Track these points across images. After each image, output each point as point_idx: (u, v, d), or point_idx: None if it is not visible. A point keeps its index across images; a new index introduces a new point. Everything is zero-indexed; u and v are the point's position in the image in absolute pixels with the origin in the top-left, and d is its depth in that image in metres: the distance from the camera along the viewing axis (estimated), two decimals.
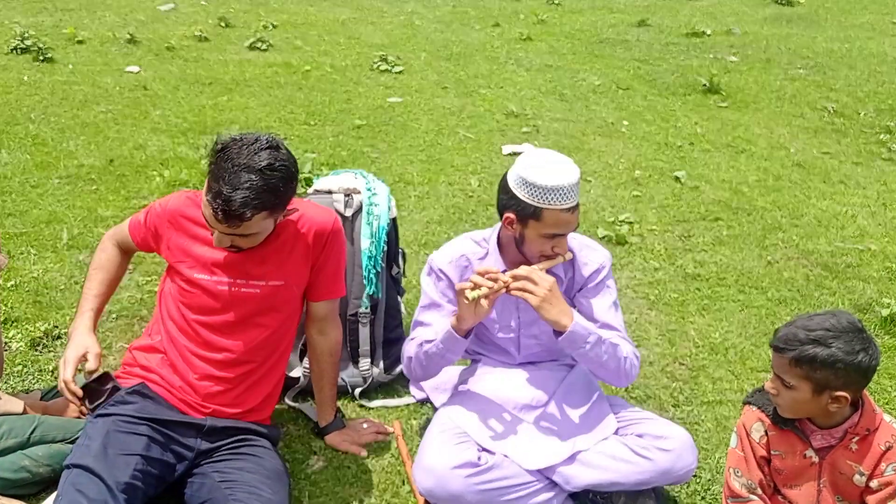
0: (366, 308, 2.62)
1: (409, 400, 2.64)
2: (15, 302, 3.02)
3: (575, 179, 2.05)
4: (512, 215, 2.11)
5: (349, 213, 2.59)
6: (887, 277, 3.62)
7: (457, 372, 2.45)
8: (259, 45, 7.00)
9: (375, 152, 4.78)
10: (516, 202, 2.08)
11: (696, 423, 2.61)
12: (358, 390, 2.63)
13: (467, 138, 5.10)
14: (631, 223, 3.96)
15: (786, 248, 3.86)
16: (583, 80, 6.55)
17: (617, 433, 2.21)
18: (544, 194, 2.03)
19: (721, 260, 3.71)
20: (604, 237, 3.74)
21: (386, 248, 2.63)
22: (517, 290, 2.05)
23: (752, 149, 5.17)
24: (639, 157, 4.92)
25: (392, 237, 2.67)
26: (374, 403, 2.62)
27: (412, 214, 3.96)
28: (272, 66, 6.48)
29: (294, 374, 2.59)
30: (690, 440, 2.15)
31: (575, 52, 7.49)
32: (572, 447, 2.15)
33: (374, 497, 2.24)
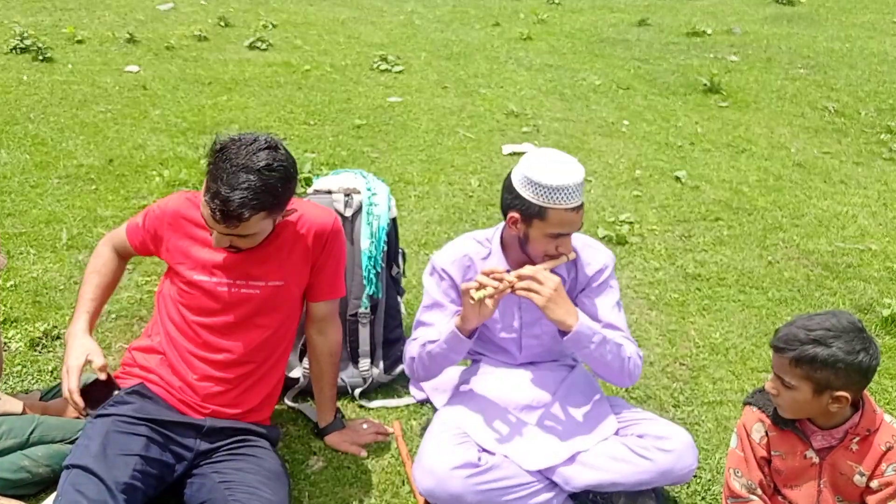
0: (366, 308, 2.61)
1: (409, 400, 2.64)
2: (14, 302, 3.02)
3: (580, 179, 2.05)
4: (516, 215, 2.10)
5: (349, 213, 2.59)
6: (888, 277, 3.62)
7: (457, 372, 2.45)
8: (259, 45, 7.00)
9: (375, 152, 4.78)
10: (521, 202, 2.07)
11: (697, 424, 2.60)
12: (358, 391, 2.63)
13: (467, 138, 5.10)
14: (631, 223, 3.96)
15: (786, 248, 3.85)
16: (583, 80, 6.55)
17: (617, 434, 2.20)
18: (549, 194, 2.03)
19: (721, 260, 3.70)
20: (604, 237, 3.74)
21: (386, 248, 2.63)
22: (522, 290, 2.05)
23: (753, 148, 5.16)
24: (639, 157, 4.92)
25: (392, 237, 2.67)
26: (374, 404, 2.61)
27: (412, 214, 3.96)
28: (272, 66, 6.48)
29: (294, 375, 2.59)
30: (691, 441, 2.15)
31: (575, 52, 7.49)
32: (572, 448, 2.15)
33: (374, 497, 2.24)
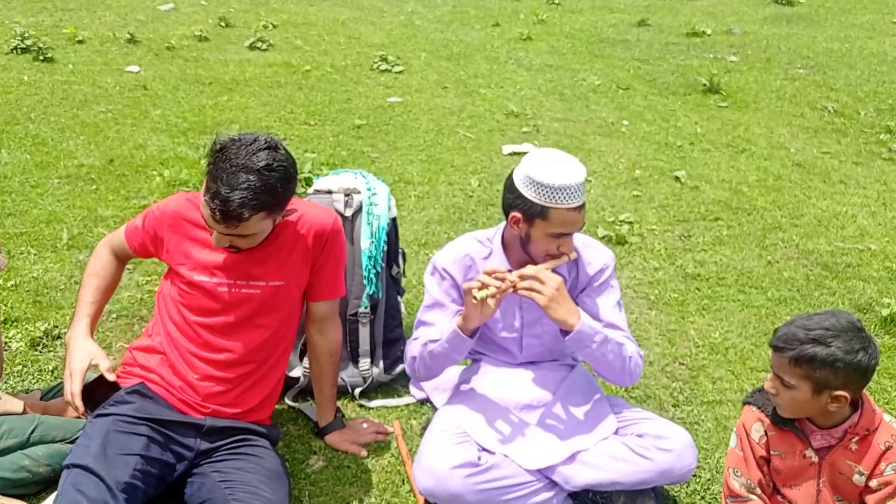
0: (366, 308, 2.62)
1: (409, 400, 2.64)
2: (15, 302, 3.02)
3: (581, 179, 2.06)
4: (518, 214, 2.10)
5: (349, 213, 2.59)
6: (887, 277, 3.62)
7: (457, 372, 2.45)
8: (259, 45, 7.00)
9: (375, 152, 4.78)
10: (523, 201, 2.08)
11: (696, 423, 2.61)
12: (358, 390, 2.63)
13: (467, 138, 5.10)
14: (631, 223, 3.97)
15: (786, 248, 3.86)
16: (583, 80, 6.55)
17: (617, 433, 2.20)
18: (551, 193, 2.04)
19: (721, 260, 3.71)
20: (604, 237, 3.74)
21: (386, 248, 2.63)
22: (524, 290, 2.06)
23: (753, 148, 5.17)
24: (639, 157, 4.92)
25: (392, 237, 2.67)
26: (374, 403, 2.62)
27: (412, 214, 3.96)
28: (272, 66, 6.48)
29: (294, 374, 2.60)
30: (690, 440, 2.15)
31: (575, 52, 7.49)
32: (572, 447, 2.16)
33: (374, 497, 2.24)
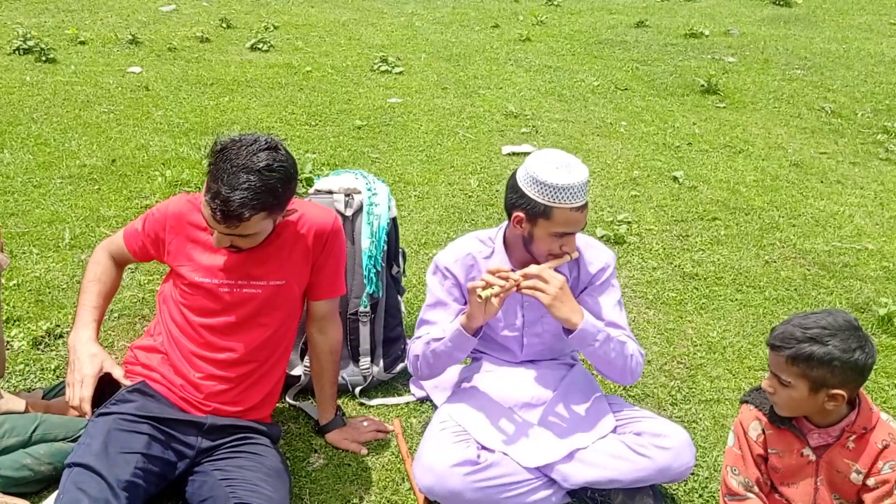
0: (366, 307, 2.63)
1: (409, 398, 2.66)
2: (17, 301, 3.03)
3: (584, 178, 2.07)
4: (521, 214, 2.11)
5: (350, 213, 2.61)
6: (884, 277, 3.64)
7: (457, 370, 2.46)
8: (260, 46, 7.01)
9: (376, 153, 4.79)
10: (526, 201, 2.09)
11: (694, 422, 2.62)
12: (358, 389, 2.65)
13: (467, 139, 5.11)
14: (629, 223, 3.98)
15: (783, 248, 3.87)
16: (581, 81, 6.57)
17: (615, 431, 2.22)
18: (555, 193, 2.05)
19: (719, 259, 3.72)
20: (602, 237, 3.75)
21: (386, 248, 2.65)
22: (528, 289, 2.07)
23: (750, 149, 5.18)
24: (637, 158, 4.94)
25: (392, 237, 2.68)
26: (374, 402, 2.63)
27: (412, 214, 3.98)
28: (273, 67, 6.50)
29: (295, 373, 2.61)
30: (688, 438, 2.16)
31: (574, 53, 7.50)
32: (571, 445, 2.17)
33: (374, 494, 2.26)
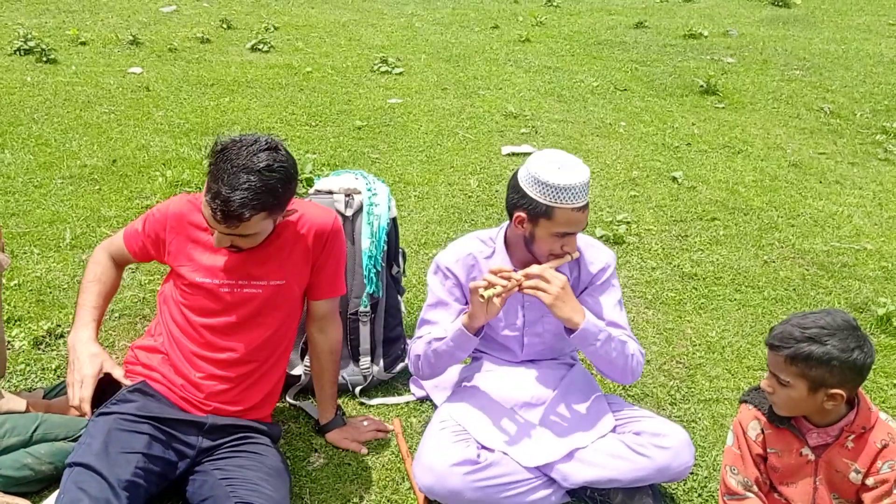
0: (366, 307, 2.64)
1: (409, 398, 2.66)
2: (18, 301, 3.04)
3: (586, 179, 2.08)
4: (523, 214, 2.12)
5: (350, 213, 2.61)
6: (883, 277, 3.64)
7: (457, 370, 2.47)
8: (261, 47, 7.02)
9: (376, 153, 4.80)
10: (528, 201, 2.09)
11: (693, 421, 2.63)
12: (358, 388, 2.65)
13: (467, 139, 5.12)
14: (628, 223, 3.99)
15: (782, 248, 3.88)
16: (581, 82, 6.57)
17: (615, 431, 2.22)
18: (557, 193, 2.05)
19: (718, 259, 3.73)
20: (601, 237, 3.76)
21: (386, 248, 2.65)
22: (530, 289, 2.08)
23: (749, 149, 5.19)
24: (636, 158, 4.95)
25: (392, 237, 2.69)
26: (374, 401, 2.64)
27: (412, 214, 3.98)
28: (274, 68, 6.50)
29: (295, 373, 2.61)
30: (688, 438, 2.17)
31: (573, 54, 7.51)
32: (570, 444, 2.17)
33: (375, 494, 2.26)
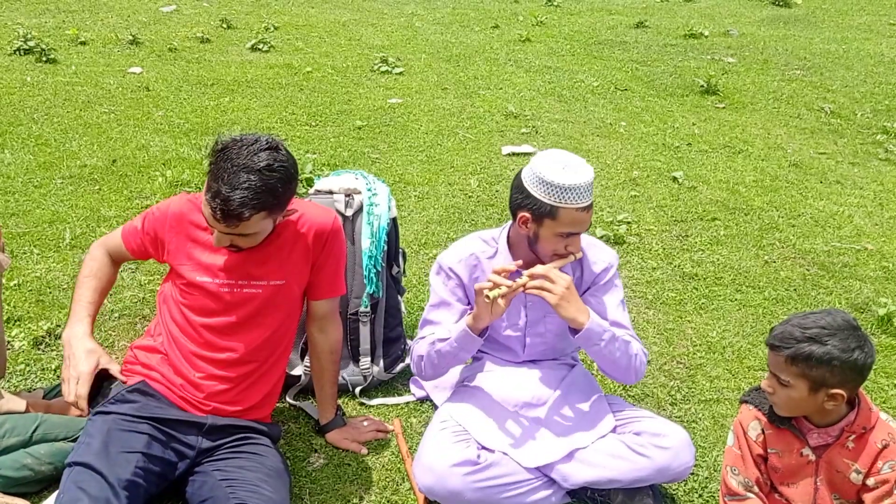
0: (366, 307, 2.64)
1: (409, 398, 2.66)
2: (18, 301, 3.04)
3: (590, 179, 2.08)
4: (527, 214, 2.12)
5: (350, 213, 2.61)
6: (884, 277, 3.64)
7: (457, 370, 2.46)
8: (261, 47, 7.02)
9: (376, 153, 4.80)
10: (532, 201, 2.09)
11: (694, 422, 2.63)
12: (358, 388, 2.65)
13: (467, 139, 5.12)
14: (629, 223, 3.99)
15: (782, 248, 3.88)
16: (581, 82, 6.57)
17: (615, 431, 2.22)
18: (561, 193, 2.05)
19: (718, 259, 3.73)
20: (602, 237, 3.75)
21: (386, 248, 2.65)
22: (535, 289, 2.08)
23: (750, 149, 5.19)
24: (637, 158, 4.94)
25: (392, 237, 2.69)
26: (374, 401, 2.64)
27: (412, 214, 3.98)
28: (274, 68, 6.50)
29: (295, 373, 2.61)
30: (688, 438, 2.17)
31: (573, 54, 7.51)
32: (570, 445, 2.17)
33: (375, 494, 2.26)
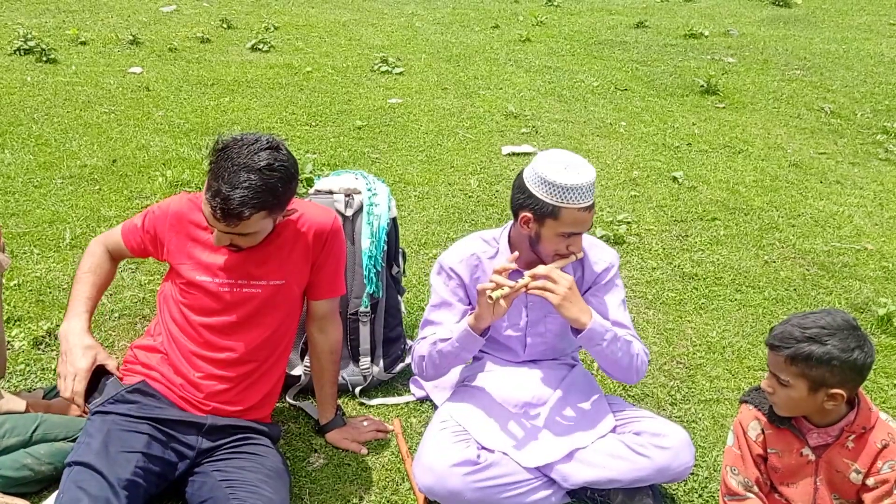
0: (366, 307, 2.64)
1: (409, 398, 2.66)
2: (18, 301, 3.04)
3: (592, 179, 2.08)
4: (529, 214, 2.12)
5: (350, 213, 2.61)
6: (883, 277, 3.64)
7: (457, 370, 2.46)
8: (261, 47, 7.02)
9: (376, 153, 4.80)
10: (534, 201, 2.09)
11: (694, 422, 2.63)
12: (358, 388, 2.65)
13: (467, 139, 5.12)
14: (629, 223, 3.99)
15: (782, 248, 3.88)
16: (581, 81, 6.57)
17: (615, 431, 2.22)
18: (563, 193, 2.05)
19: (718, 259, 3.73)
20: (602, 237, 3.75)
21: (386, 248, 2.65)
22: (537, 289, 2.08)
23: (750, 149, 5.19)
24: (637, 158, 4.94)
25: (392, 237, 2.69)
26: (374, 401, 2.64)
27: (412, 214, 3.98)
28: (274, 68, 6.50)
29: (295, 373, 2.61)
30: (688, 438, 2.17)
31: (573, 54, 7.51)
32: (570, 445, 2.17)
33: (374, 494, 2.26)
